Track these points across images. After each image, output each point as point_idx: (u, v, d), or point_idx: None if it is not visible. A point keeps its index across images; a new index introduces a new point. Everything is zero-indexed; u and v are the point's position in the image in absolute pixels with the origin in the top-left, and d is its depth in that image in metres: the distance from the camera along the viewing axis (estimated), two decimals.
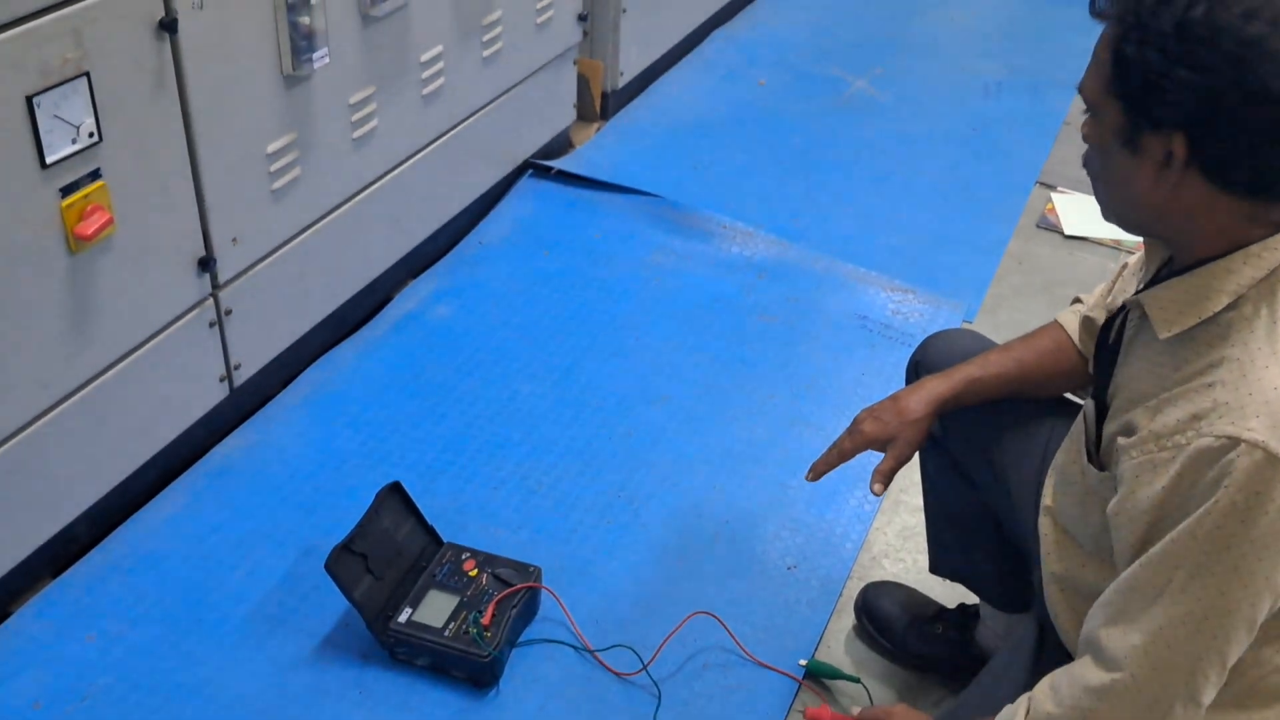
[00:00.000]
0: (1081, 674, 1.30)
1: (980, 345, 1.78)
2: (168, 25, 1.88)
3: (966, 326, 2.78)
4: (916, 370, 1.81)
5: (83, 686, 1.86)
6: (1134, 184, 1.24)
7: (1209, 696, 1.24)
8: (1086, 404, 1.42)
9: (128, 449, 2.11)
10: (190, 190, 2.04)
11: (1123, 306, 1.38)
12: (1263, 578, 1.17)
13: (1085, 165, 1.32)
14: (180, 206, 2.04)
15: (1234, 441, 1.15)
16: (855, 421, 1.71)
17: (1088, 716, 1.28)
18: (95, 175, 1.83)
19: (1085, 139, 1.30)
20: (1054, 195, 3.37)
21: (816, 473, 1.73)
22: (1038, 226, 3.26)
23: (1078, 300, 1.69)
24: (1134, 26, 1.17)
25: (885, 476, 1.66)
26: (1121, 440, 1.27)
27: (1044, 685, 1.36)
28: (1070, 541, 1.44)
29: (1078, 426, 1.44)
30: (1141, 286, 1.36)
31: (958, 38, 4.42)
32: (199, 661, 1.92)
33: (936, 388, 1.68)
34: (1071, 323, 1.67)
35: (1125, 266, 1.54)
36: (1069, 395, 1.72)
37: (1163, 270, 1.34)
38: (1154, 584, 1.22)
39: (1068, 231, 3.21)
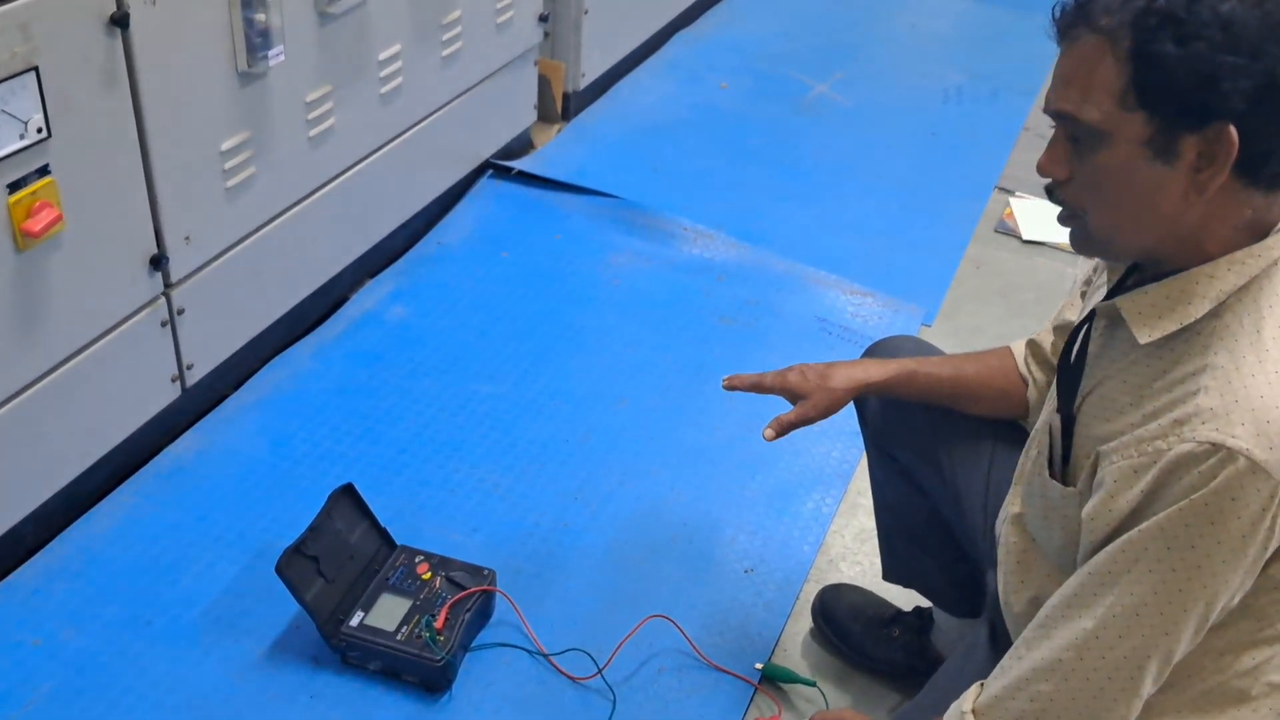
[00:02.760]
0: (1029, 651, 1.31)
1: (925, 350, 1.80)
2: (119, 20, 1.85)
3: (925, 330, 2.81)
4: None
5: (27, 692, 1.83)
6: (1160, 198, 1.18)
7: (1149, 689, 1.25)
8: (1051, 418, 1.41)
9: (77, 449, 2.08)
10: (142, 187, 2.02)
11: (1088, 317, 1.36)
12: (1222, 580, 1.17)
13: (1065, 203, 1.25)
14: (131, 204, 2.02)
15: (1216, 448, 1.13)
16: (788, 368, 1.76)
17: (1034, 696, 1.29)
18: (44, 171, 1.80)
19: (1067, 179, 1.23)
20: (1012, 200, 3.38)
21: (732, 384, 1.79)
22: (996, 231, 3.27)
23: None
24: (1162, 26, 1.11)
25: (781, 427, 1.71)
26: (1102, 448, 1.27)
27: (995, 670, 1.36)
28: (1037, 551, 1.44)
29: (1040, 440, 1.43)
30: (1109, 294, 1.34)
31: (918, 43, 4.44)
32: (147, 666, 1.89)
33: (869, 371, 1.72)
34: (1019, 347, 1.69)
35: (1081, 290, 1.53)
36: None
37: (1128, 278, 1.32)
38: (1113, 571, 1.21)
39: (1026, 236, 3.23)
